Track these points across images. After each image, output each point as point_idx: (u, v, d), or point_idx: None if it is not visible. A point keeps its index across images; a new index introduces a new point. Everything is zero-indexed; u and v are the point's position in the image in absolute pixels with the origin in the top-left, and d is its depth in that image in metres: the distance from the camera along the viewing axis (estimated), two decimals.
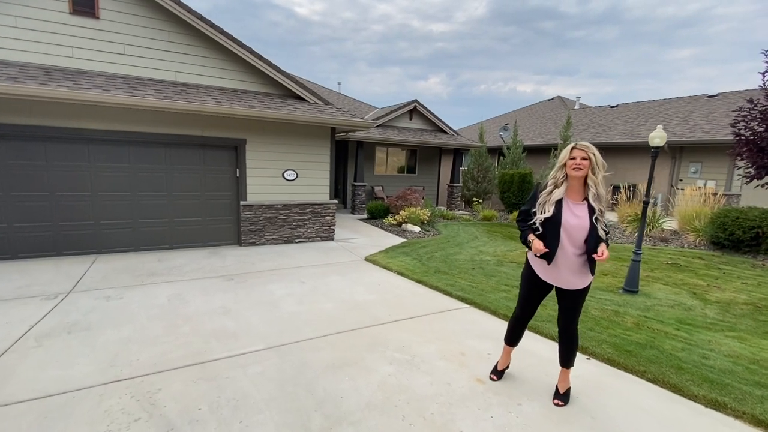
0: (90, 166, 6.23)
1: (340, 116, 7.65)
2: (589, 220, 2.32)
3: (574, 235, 2.35)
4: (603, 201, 2.35)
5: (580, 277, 2.42)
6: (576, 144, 2.38)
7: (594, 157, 2.31)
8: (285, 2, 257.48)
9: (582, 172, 2.32)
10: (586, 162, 2.32)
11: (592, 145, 2.36)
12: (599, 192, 2.33)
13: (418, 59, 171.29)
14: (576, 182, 2.39)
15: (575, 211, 2.37)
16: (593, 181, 2.33)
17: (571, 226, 2.34)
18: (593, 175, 2.33)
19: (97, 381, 2.77)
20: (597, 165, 2.32)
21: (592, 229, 2.32)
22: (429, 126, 14.00)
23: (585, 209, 2.36)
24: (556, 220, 2.36)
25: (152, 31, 6.46)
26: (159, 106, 5.93)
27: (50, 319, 3.91)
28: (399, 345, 3.44)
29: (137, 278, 5.38)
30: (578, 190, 2.40)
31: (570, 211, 2.37)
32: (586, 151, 2.32)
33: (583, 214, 2.35)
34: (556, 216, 2.37)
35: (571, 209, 2.37)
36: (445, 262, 6.62)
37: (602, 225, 2.33)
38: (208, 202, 7.19)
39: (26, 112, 5.55)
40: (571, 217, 2.35)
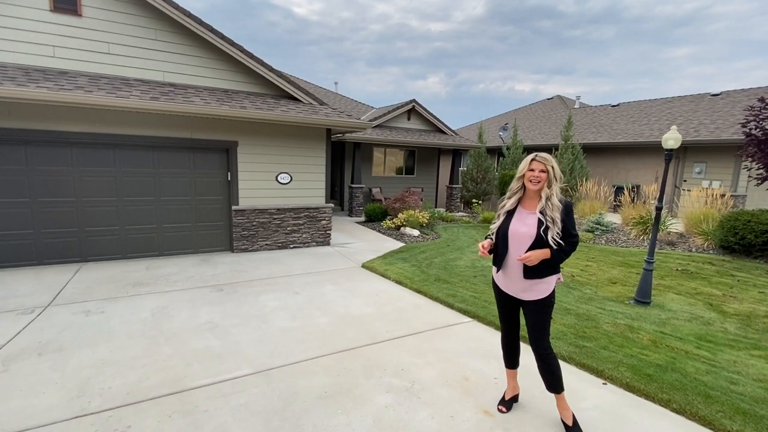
0: (73, 170, 5.93)
1: (336, 117, 7.36)
2: (537, 229, 2.31)
3: (521, 243, 2.35)
4: (557, 210, 2.30)
5: (527, 285, 2.39)
6: (536, 156, 2.37)
7: (552, 170, 2.32)
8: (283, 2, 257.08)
9: (540, 184, 2.33)
10: (544, 175, 2.32)
11: (551, 158, 2.37)
12: (553, 202, 2.31)
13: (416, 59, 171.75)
14: (533, 193, 2.40)
15: (526, 220, 2.38)
16: (545, 194, 2.33)
17: (519, 234, 2.36)
18: (548, 188, 2.33)
19: (60, 416, 2.48)
20: (554, 177, 2.33)
21: (537, 239, 2.30)
22: (427, 126, 13.72)
23: (535, 219, 2.35)
24: (504, 228, 2.42)
25: (138, 29, 6.16)
26: (144, 108, 5.64)
27: (22, 338, 3.62)
28: (397, 368, 3.16)
29: (121, 289, 5.09)
30: (534, 200, 2.41)
31: (520, 221, 2.39)
32: (545, 164, 2.32)
33: (532, 222, 2.35)
34: (504, 224, 2.43)
35: (523, 218, 2.40)
36: (446, 269, 6.35)
37: (555, 234, 2.29)
38: (199, 207, 6.90)
39: (4, 114, 5.26)
40: (520, 225, 2.38)
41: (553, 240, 2.28)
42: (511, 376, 2.72)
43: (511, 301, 2.53)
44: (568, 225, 2.32)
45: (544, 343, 2.44)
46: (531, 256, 2.26)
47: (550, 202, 2.31)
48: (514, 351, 2.67)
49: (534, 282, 2.36)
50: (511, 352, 2.67)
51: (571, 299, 4.88)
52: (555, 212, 2.29)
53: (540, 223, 2.31)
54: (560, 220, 2.28)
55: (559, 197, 2.33)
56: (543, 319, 2.42)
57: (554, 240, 2.28)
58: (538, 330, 2.43)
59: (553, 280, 2.41)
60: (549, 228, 2.28)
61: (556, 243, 2.28)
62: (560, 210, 2.30)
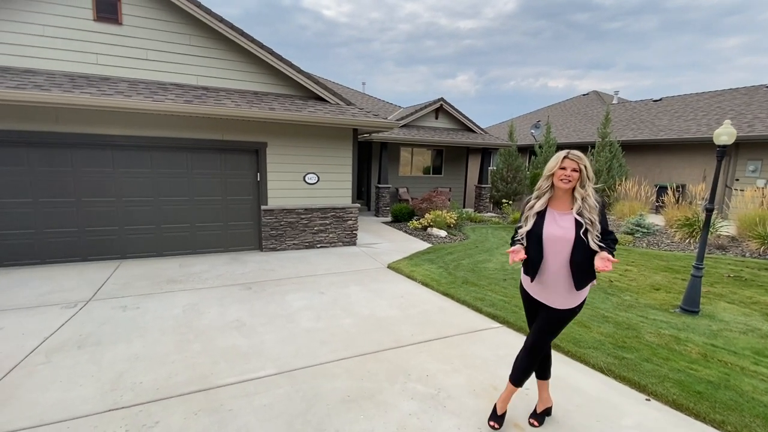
0: (114, 171, 6.23)
1: (362, 117, 7.34)
2: (575, 232, 2.13)
3: (558, 248, 2.17)
4: (594, 211, 2.13)
5: (567, 295, 2.22)
6: (568, 153, 2.19)
7: (585, 170, 2.15)
8: (313, 5, 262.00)
9: (570, 184, 2.15)
10: (576, 174, 2.14)
11: (584, 156, 2.18)
12: (589, 203, 2.14)
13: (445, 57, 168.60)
14: (563, 193, 2.22)
15: (560, 222, 2.19)
16: (580, 194, 2.15)
17: (555, 237, 2.17)
18: (581, 188, 2.15)
19: (94, 408, 2.57)
20: (587, 178, 2.16)
21: (578, 242, 2.12)
22: (456, 125, 13.48)
23: (572, 220, 2.16)
24: (537, 231, 2.22)
25: (173, 35, 6.38)
26: (178, 111, 5.83)
27: (64, 331, 3.81)
28: (422, 374, 3.07)
29: (156, 286, 5.28)
30: (565, 201, 2.22)
31: (554, 222, 2.20)
32: (578, 162, 2.14)
33: (568, 225, 2.16)
34: (536, 227, 2.22)
35: (556, 220, 2.20)
36: (474, 272, 6.17)
37: (594, 237, 2.11)
38: (230, 207, 7.07)
39: (52, 119, 5.59)
40: (555, 228, 2.18)
41: (595, 242, 2.09)
42: (542, 388, 2.56)
43: (540, 306, 2.37)
44: (604, 225, 2.17)
45: (545, 345, 2.35)
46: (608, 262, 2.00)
47: (586, 203, 2.14)
48: (544, 360, 2.49)
49: (574, 291, 2.19)
50: (542, 361, 2.49)
51: (609, 306, 4.59)
52: (593, 213, 2.13)
53: (578, 225, 2.14)
54: (598, 221, 2.12)
55: (595, 197, 2.17)
56: (560, 327, 2.31)
57: (595, 242, 2.09)
58: (547, 333, 2.30)
59: (588, 289, 2.27)
60: (588, 230, 2.11)
61: (597, 245, 2.10)
62: (597, 210, 2.14)
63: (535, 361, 2.37)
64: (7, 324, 3.94)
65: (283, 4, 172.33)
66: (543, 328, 2.31)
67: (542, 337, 2.32)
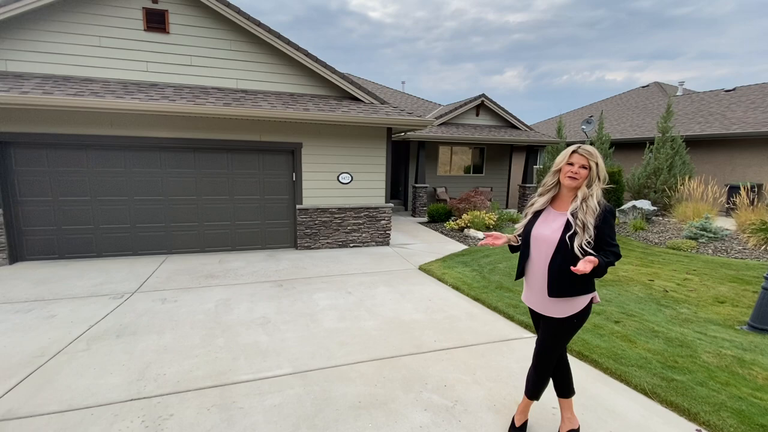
0: (162, 171, 6.64)
1: (396, 115, 7.23)
2: (561, 233, 1.95)
3: (542, 250, 2.03)
4: (591, 214, 1.91)
5: (549, 303, 2.05)
6: (578, 148, 1.99)
7: (595, 167, 1.96)
8: (359, 8, 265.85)
9: (576, 182, 1.97)
10: (584, 171, 1.96)
11: (597, 153, 1.99)
12: (588, 204, 1.92)
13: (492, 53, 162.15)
14: (569, 192, 2.03)
15: (551, 222, 2.04)
16: (583, 194, 1.95)
17: (541, 237, 2.03)
18: (587, 188, 1.96)
19: (119, 397, 2.70)
20: (597, 176, 1.97)
21: (561, 246, 1.94)
22: (498, 122, 12.96)
23: (563, 221, 1.98)
24: (528, 230, 2.11)
25: (215, 41, 6.67)
26: (218, 113, 6.08)
27: (108, 321, 4.08)
28: (440, 383, 2.91)
29: (195, 280, 5.54)
30: (569, 201, 2.04)
31: (545, 222, 2.06)
32: (587, 159, 1.95)
33: (557, 225, 2.00)
34: (528, 226, 2.12)
35: (548, 220, 2.06)
36: (510, 276, 5.83)
37: (583, 242, 1.89)
38: (267, 206, 7.28)
39: (107, 123, 6.05)
40: (544, 227, 2.04)
41: (580, 249, 1.88)
42: (563, 407, 2.32)
43: (537, 317, 2.22)
44: (606, 234, 1.93)
45: (551, 357, 2.14)
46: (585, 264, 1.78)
47: (585, 203, 1.93)
48: (562, 375, 2.27)
49: (558, 300, 2.01)
50: (560, 377, 2.28)
51: (661, 319, 4.11)
52: (588, 216, 1.90)
53: (567, 227, 1.95)
54: (593, 226, 1.89)
55: (599, 200, 1.95)
56: (559, 339, 2.10)
57: (581, 249, 1.88)
58: (545, 347, 2.13)
59: (583, 301, 2.02)
60: (577, 234, 1.90)
61: (582, 252, 1.88)
62: (595, 214, 1.90)
63: (544, 374, 2.19)
64: (61, 312, 4.30)
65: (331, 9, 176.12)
66: (543, 340, 2.17)
67: (543, 350, 2.16)
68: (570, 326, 2.07)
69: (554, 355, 2.15)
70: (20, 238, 6.08)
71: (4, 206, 5.81)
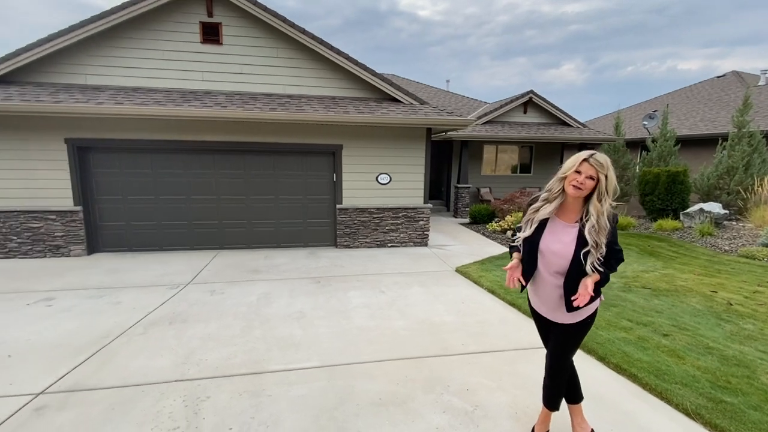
0: (215, 173, 7.17)
1: (435, 115, 7.20)
2: (575, 250, 1.88)
3: (553, 263, 1.95)
4: (603, 233, 1.85)
5: (563, 311, 2.00)
6: (590, 156, 1.84)
7: (605, 180, 1.82)
8: (408, 7, 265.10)
9: (581, 192, 1.86)
10: (590, 183, 1.83)
11: (609, 163, 1.85)
12: (600, 223, 1.83)
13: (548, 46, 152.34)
14: (574, 201, 1.93)
15: (561, 235, 1.94)
16: (596, 209, 1.84)
17: (551, 252, 1.95)
18: (598, 202, 1.84)
19: (166, 377, 2.99)
20: (606, 190, 1.83)
21: (575, 262, 1.88)
22: (547, 119, 12.38)
23: (574, 235, 1.90)
24: (534, 241, 1.99)
25: (263, 49, 7.07)
26: (264, 118, 6.45)
27: (163, 309, 4.51)
28: (462, 387, 2.89)
29: (241, 274, 5.92)
30: (575, 211, 1.95)
31: (554, 234, 1.96)
32: (597, 170, 1.82)
33: (569, 239, 1.91)
34: (534, 237, 1.99)
35: (557, 232, 1.96)
36: None
37: (595, 260, 1.86)
38: (309, 206, 7.58)
39: (164, 128, 6.65)
40: (554, 241, 1.95)
41: (592, 266, 1.86)
42: (573, 413, 2.28)
43: (545, 321, 2.16)
44: (613, 243, 1.91)
45: (561, 365, 2.10)
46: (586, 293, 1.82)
47: (598, 222, 1.84)
48: (570, 379, 2.22)
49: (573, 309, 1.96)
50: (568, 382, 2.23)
51: (719, 334, 3.73)
52: (601, 235, 1.84)
53: (580, 242, 1.88)
54: (605, 243, 1.86)
55: (609, 215, 1.87)
56: (574, 344, 2.10)
57: (593, 266, 1.86)
58: (560, 351, 2.09)
59: (595, 303, 2.02)
60: (591, 252, 1.85)
61: (594, 269, 1.87)
62: (606, 231, 1.85)
63: (560, 382, 2.15)
64: (126, 299, 4.82)
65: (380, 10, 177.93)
66: (557, 346, 2.11)
67: (559, 356, 2.11)
68: (585, 328, 2.05)
69: (569, 361, 2.13)
70: (96, 232, 6.88)
71: (84, 204, 6.61)
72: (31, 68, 6.30)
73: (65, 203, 6.50)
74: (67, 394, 2.75)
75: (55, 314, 4.30)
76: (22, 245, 6.45)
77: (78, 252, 6.67)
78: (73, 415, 2.53)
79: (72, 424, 2.44)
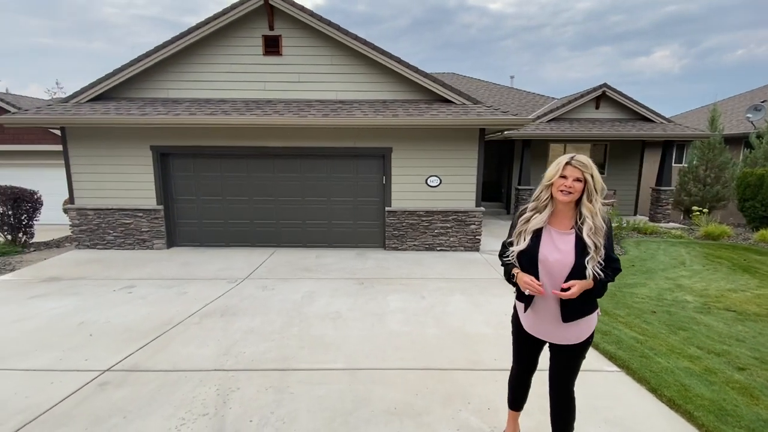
0: (274, 176, 7.67)
1: (489, 115, 6.91)
2: (575, 255, 1.81)
3: (555, 274, 1.86)
4: (601, 233, 1.80)
5: (563, 328, 1.92)
6: (571, 158, 1.81)
7: (592, 180, 1.80)
8: (478, 1, 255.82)
9: (571, 196, 1.81)
10: (579, 185, 1.80)
11: (591, 163, 1.82)
12: (596, 224, 1.80)
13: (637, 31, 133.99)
14: (564, 207, 1.87)
15: (558, 243, 1.87)
16: (589, 211, 1.81)
17: (551, 262, 1.86)
18: (589, 203, 1.81)
19: (207, 366, 3.29)
20: (595, 189, 1.81)
21: (577, 268, 1.81)
22: (624, 114, 11.19)
23: (572, 242, 1.84)
24: (532, 253, 1.89)
25: (319, 57, 7.39)
26: (317, 124, 6.75)
27: (219, 301, 4.95)
28: (484, 405, 2.75)
29: (293, 272, 6.27)
30: (567, 217, 1.89)
31: (551, 244, 1.88)
32: (582, 170, 1.79)
33: (567, 248, 1.84)
34: (531, 249, 1.90)
35: (554, 241, 1.88)
36: (612, 296, 5.07)
37: (596, 264, 1.79)
38: (359, 208, 7.76)
39: (232, 136, 7.27)
40: (552, 250, 1.86)
41: (595, 271, 1.79)
42: (512, 418, 2.40)
43: (536, 342, 2.09)
44: (609, 250, 1.85)
45: (569, 387, 2.05)
46: (573, 288, 1.77)
47: (593, 222, 1.79)
48: (523, 392, 2.32)
49: (571, 325, 1.90)
50: (520, 393, 2.33)
51: None
52: (599, 236, 1.80)
53: (579, 248, 1.82)
54: (603, 246, 1.80)
55: (603, 215, 1.84)
56: (577, 364, 2.02)
57: (596, 271, 1.79)
58: (566, 374, 2.03)
59: (594, 317, 1.96)
60: (591, 256, 1.79)
61: (597, 274, 1.80)
62: (603, 232, 1.80)
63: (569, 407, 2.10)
64: (191, 290, 5.38)
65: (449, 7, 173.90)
66: (562, 375, 2.04)
67: (564, 381, 2.05)
68: (586, 348, 1.99)
69: (573, 383, 2.06)
70: (175, 229, 7.77)
71: (164, 203, 7.50)
72: (125, 85, 7.31)
73: (150, 203, 7.44)
74: (126, 373, 3.17)
75: (133, 300, 4.95)
76: (117, 238, 7.53)
77: (159, 246, 7.60)
78: (127, 392, 2.91)
79: (124, 401, 2.81)
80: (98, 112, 6.76)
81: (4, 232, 7.53)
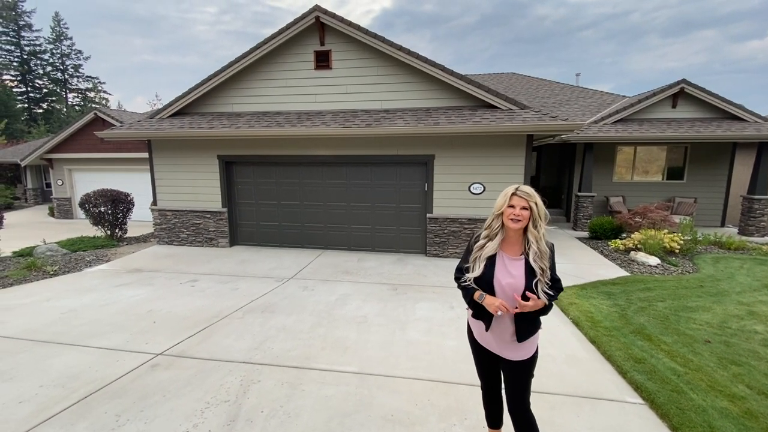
0: (322, 182, 8.16)
1: (536, 121, 6.65)
2: (525, 280, 2.02)
3: (509, 296, 2.04)
4: (546, 257, 2.02)
5: (515, 346, 2.11)
6: (516, 189, 2.04)
7: (536, 207, 1.99)
8: None
9: (521, 224, 2.01)
10: (526, 212, 1.99)
11: (534, 192, 2.03)
12: (541, 248, 2.01)
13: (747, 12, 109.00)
14: (514, 234, 2.07)
15: (510, 268, 2.06)
16: (534, 237, 2.02)
17: (504, 285, 2.05)
18: (534, 229, 2.01)
19: (239, 357, 3.72)
20: (539, 216, 2.01)
21: (527, 290, 2.00)
22: (708, 113, 9.89)
23: (522, 267, 2.05)
24: (488, 278, 2.08)
25: (366, 69, 7.70)
26: (361, 133, 7.06)
27: (264, 298, 5.47)
28: (479, 422, 2.76)
29: (334, 274, 6.65)
30: (516, 243, 2.09)
31: (504, 269, 2.07)
32: (527, 200, 1.99)
33: (519, 272, 2.04)
34: (486, 274, 2.08)
35: (506, 266, 2.08)
36: (665, 320, 4.63)
37: (544, 286, 2.00)
38: (401, 214, 7.93)
39: (285, 145, 7.87)
40: (505, 275, 2.06)
41: (544, 293, 1.99)
42: None
43: (492, 357, 2.25)
44: (553, 272, 2.06)
45: (525, 403, 2.18)
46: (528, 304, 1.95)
47: (539, 247, 2.00)
48: (495, 408, 2.42)
49: (523, 343, 2.09)
50: (493, 409, 2.43)
51: None
52: (544, 260, 2.01)
53: (528, 273, 2.02)
54: (548, 269, 2.01)
55: (546, 240, 2.05)
56: (527, 379, 2.18)
57: (545, 292, 1.99)
58: (519, 391, 2.16)
59: (539, 335, 2.17)
60: (539, 280, 1.99)
61: (546, 295, 2.00)
62: (547, 256, 2.02)
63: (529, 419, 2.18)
64: (242, 286, 5.99)
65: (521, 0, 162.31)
66: (516, 388, 2.16)
67: (522, 397, 2.17)
68: (535, 360, 2.17)
69: (529, 390, 2.18)
70: (236, 229, 8.63)
71: (228, 206, 8.38)
72: (198, 102, 8.30)
73: (216, 206, 8.36)
74: (173, 358, 3.71)
75: (194, 293, 5.67)
76: (189, 236, 8.58)
77: (223, 244, 8.50)
78: (171, 374, 3.42)
79: (167, 382, 3.31)
80: (175, 127, 7.79)
81: (105, 228, 9.01)
